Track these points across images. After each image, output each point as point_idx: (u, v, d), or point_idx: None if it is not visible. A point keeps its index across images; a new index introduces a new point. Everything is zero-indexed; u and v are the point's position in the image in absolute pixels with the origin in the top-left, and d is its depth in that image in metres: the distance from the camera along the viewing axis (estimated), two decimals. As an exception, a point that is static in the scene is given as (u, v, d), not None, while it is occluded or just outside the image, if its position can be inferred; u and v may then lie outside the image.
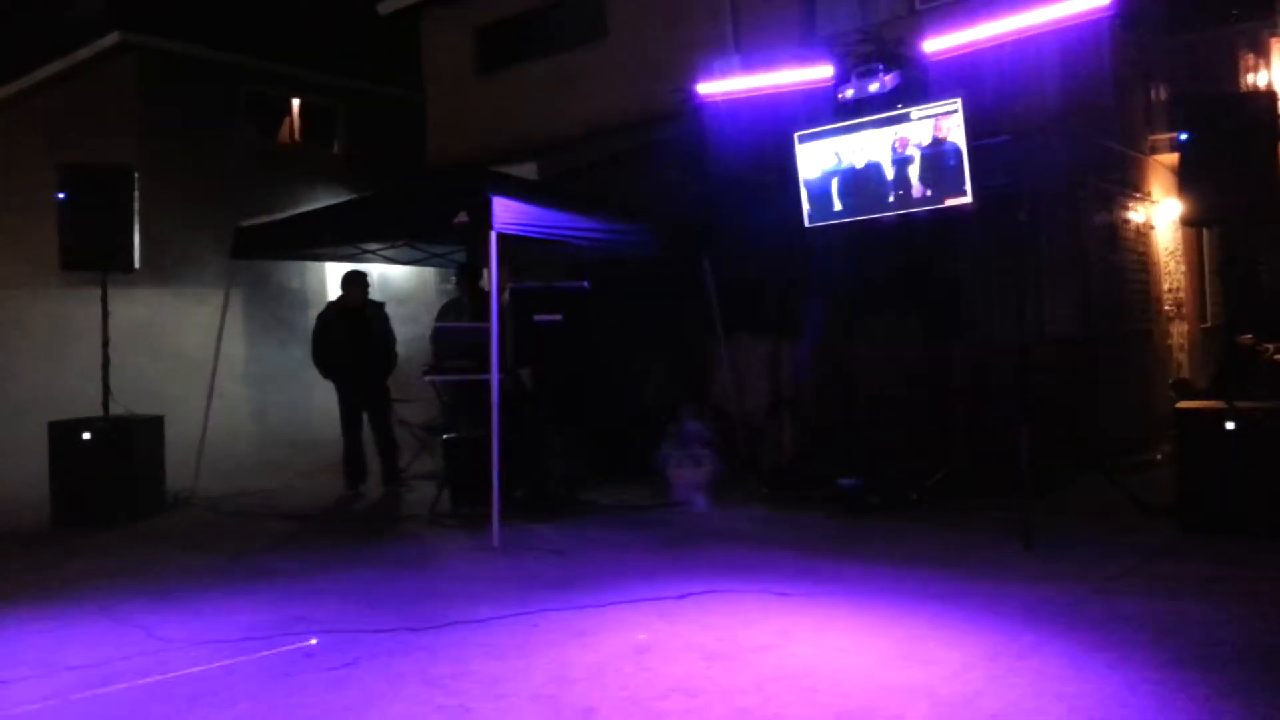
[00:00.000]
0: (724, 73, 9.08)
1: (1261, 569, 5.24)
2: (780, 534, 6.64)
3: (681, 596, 5.07)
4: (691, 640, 4.40)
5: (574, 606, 4.95)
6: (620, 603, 5.01)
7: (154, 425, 8.15)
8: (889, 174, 7.31)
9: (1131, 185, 9.58)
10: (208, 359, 8.77)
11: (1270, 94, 9.23)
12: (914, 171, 7.15)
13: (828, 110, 7.75)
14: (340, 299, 8.88)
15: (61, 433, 7.75)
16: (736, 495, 7.75)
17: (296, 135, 15.51)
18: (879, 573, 5.50)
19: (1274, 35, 11.30)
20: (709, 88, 8.45)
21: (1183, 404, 6.52)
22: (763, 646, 4.29)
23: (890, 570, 5.54)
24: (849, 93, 7.61)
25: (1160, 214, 10.10)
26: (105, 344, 7.98)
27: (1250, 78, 11.49)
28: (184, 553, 6.63)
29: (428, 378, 8.29)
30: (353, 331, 8.66)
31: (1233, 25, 11.25)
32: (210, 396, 8.58)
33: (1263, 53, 11.61)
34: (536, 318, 8.03)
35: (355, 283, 8.87)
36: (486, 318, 7.01)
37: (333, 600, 5.26)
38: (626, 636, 4.48)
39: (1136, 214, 9.59)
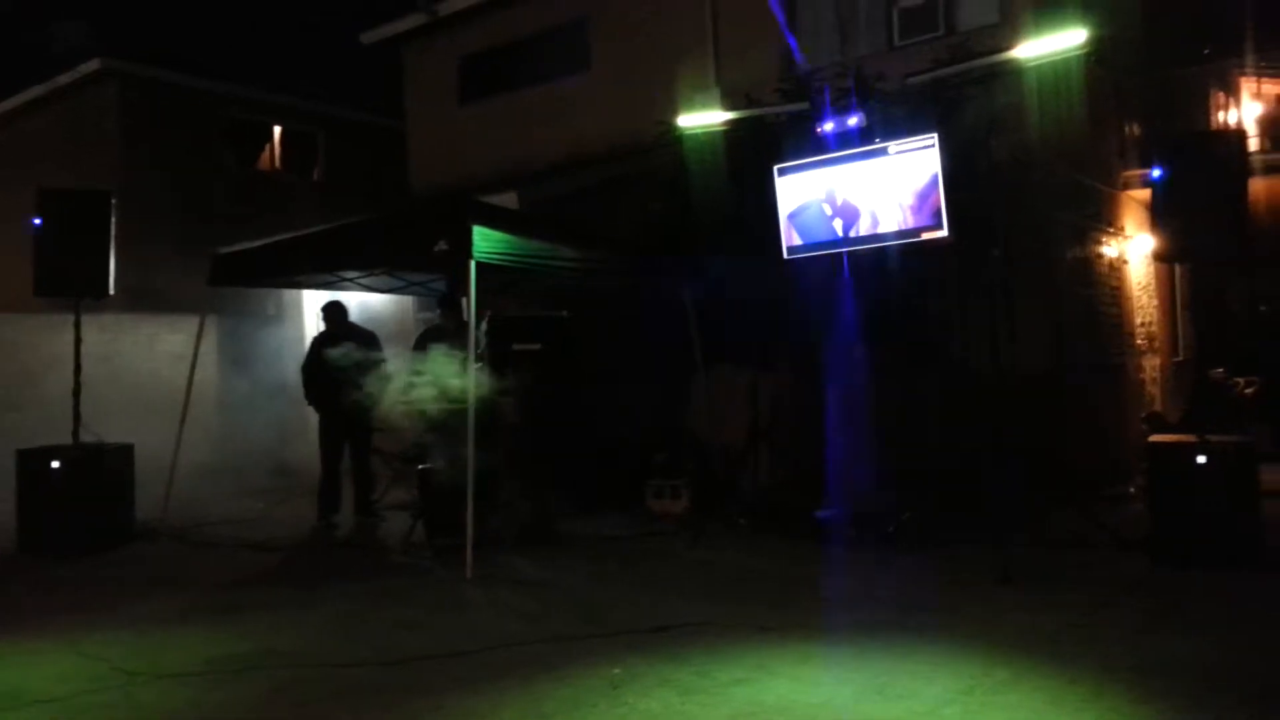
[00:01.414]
0: (705, 105, 9.17)
1: (1233, 602, 5.26)
2: (757, 566, 6.61)
3: (658, 630, 5.02)
4: (667, 675, 4.36)
5: (548, 640, 4.90)
6: (596, 636, 4.96)
7: (124, 453, 8.04)
8: (866, 207, 7.37)
9: (1105, 220, 9.70)
10: (181, 386, 8.68)
11: (1240, 132, 9.41)
12: (891, 205, 7.21)
13: (807, 144, 7.83)
14: (326, 329, 8.87)
15: (30, 461, 7.64)
16: (715, 526, 7.71)
17: (276, 162, 15.51)
18: (855, 605, 5.48)
19: (1243, 74, 11.55)
20: (690, 119, 8.52)
21: (1155, 437, 6.57)
22: (738, 680, 4.25)
23: (866, 603, 5.52)
24: (828, 127, 7.69)
25: (1133, 249, 10.24)
26: (77, 370, 7.89)
27: (1221, 116, 11.72)
28: (151, 584, 6.52)
29: (404, 406, 8.22)
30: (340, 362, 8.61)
31: (1204, 65, 11.49)
32: (182, 424, 8.48)
33: (1233, 91, 11.86)
34: (515, 346, 8.02)
35: (332, 312, 8.87)
36: (464, 346, 6.99)
37: (301, 634, 5.18)
38: (602, 671, 4.43)
39: (1110, 249, 9.71)
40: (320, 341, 8.81)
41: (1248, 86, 11.73)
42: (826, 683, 4.22)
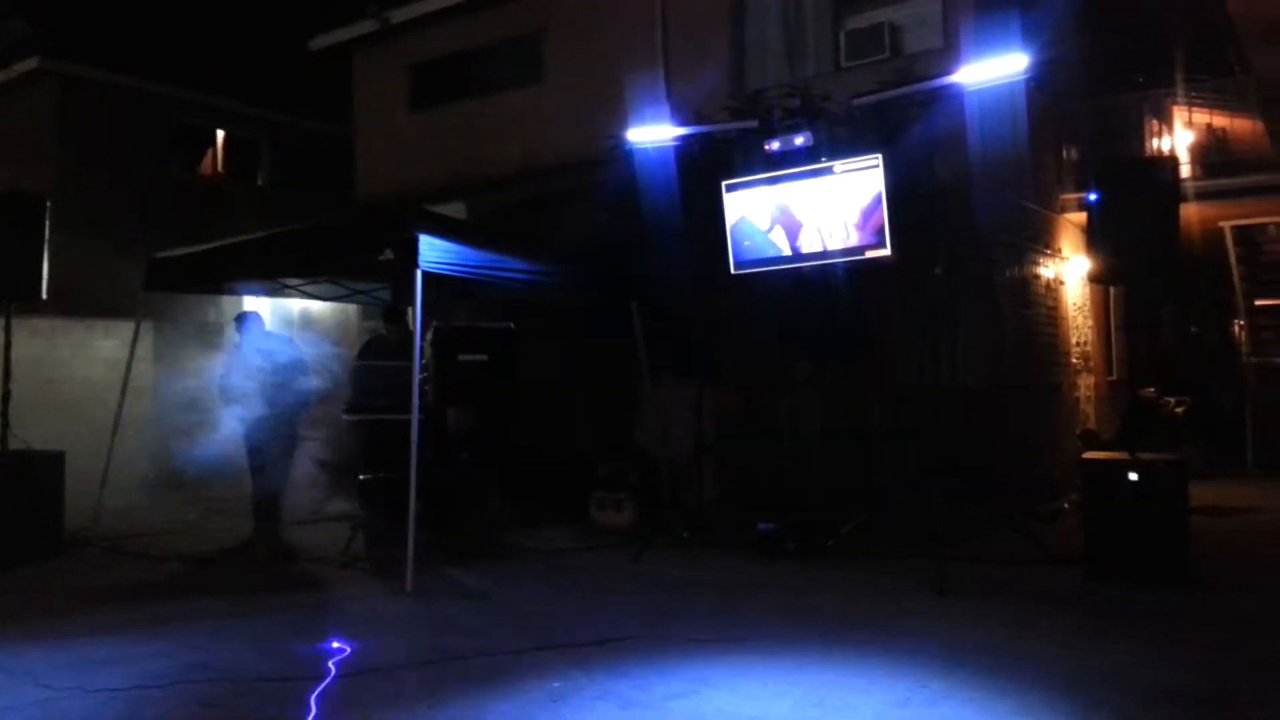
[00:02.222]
0: (656, 120, 9.22)
1: (1162, 617, 5.39)
2: (699, 579, 6.63)
3: (599, 643, 5.01)
4: (608, 688, 4.35)
5: (489, 654, 4.86)
6: (537, 649, 4.93)
7: (54, 461, 7.81)
8: (812, 225, 7.46)
9: (1043, 242, 9.93)
10: (114, 393, 8.48)
11: (1173, 158, 9.72)
12: (836, 223, 7.31)
13: (755, 161, 7.92)
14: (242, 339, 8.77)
15: (-46, 468, 7.40)
16: (659, 539, 7.72)
17: (219, 167, 15.24)
18: (795, 618, 5.52)
19: (1176, 103, 11.91)
20: (641, 134, 8.56)
21: (1089, 455, 6.72)
22: (678, 694, 4.26)
23: (806, 616, 5.56)
24: (775, 145, 7.79)
25: (1070, 270, 10.49)
26: (6, 376, 7.66)
27: (1155, 142, 12.07)
28: (80, 596, 6.33)
29: (346, 417, 8.13)
30: (260, 370, 8.52)
31: (1139, 92, 11.83)
32: (115, 432, 8.27)
33: (1166, 118, 12.22)
34: (461, 357, 7.96)
35: (246, 323, 8.80)
36: (409, 356, 6.93)
37: (234, 647, 5.07)
38: (541, 685, 4.41)
39: (1047, 270, 9.94)
40: (236, 352, 8.74)
41: (1180, 114, 12.09)
42: (765, 696, 4.24)
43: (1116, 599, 5.76)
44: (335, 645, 5.02)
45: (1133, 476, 6.10)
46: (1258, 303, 11.99)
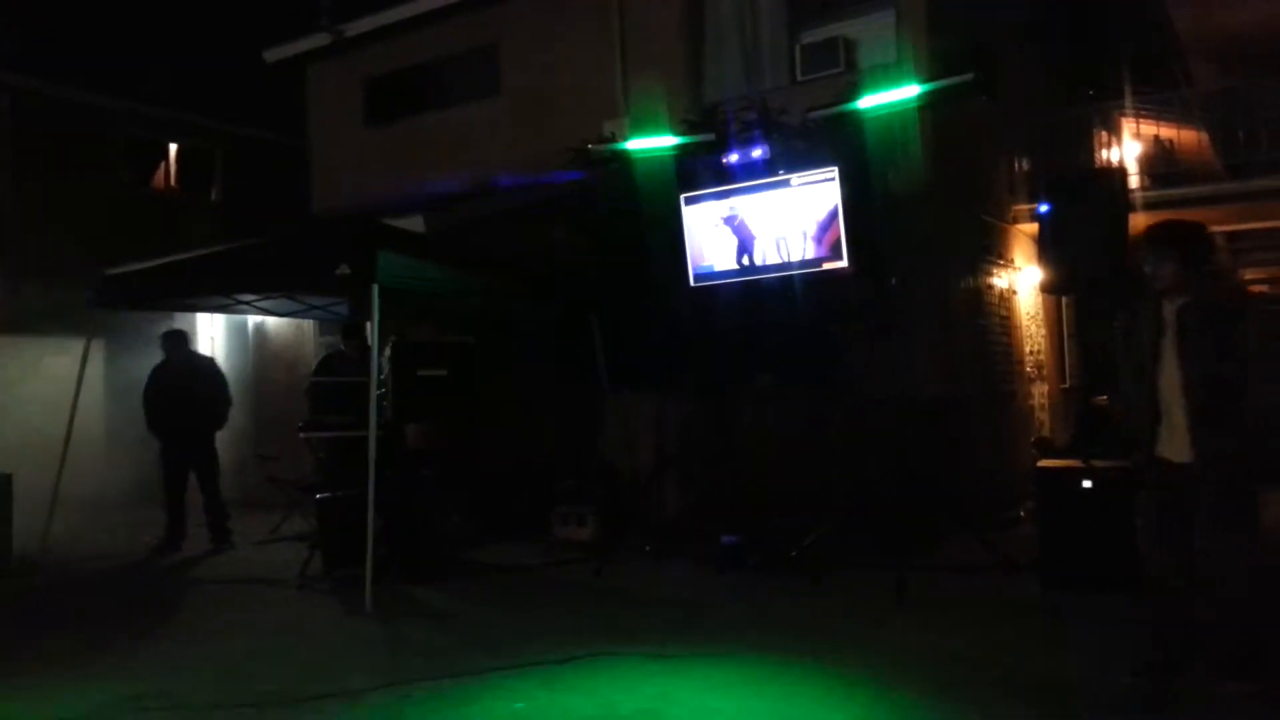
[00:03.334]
0: (614, 134, 9.23)
1: (1115, 623, 5.46)
2: (662, 593, 6.63)
3: (563, 662, 4.98)
4: (571, 707, 4.33)
5: (450, 675, 4.81)
6: (500, 669, 4.89)
7: (1, 483, 7.64)
8: (770, 237, 7.51)
9: (996, 252, 10.07)
10: (65, 412, 8.30)
11: (1122, 170, 9.89)
12: (794, 235, 7.36)
13: (713, 173, 7.95)
14: (165, 359, 8.90)
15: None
16: (621, 553, 7.70)
17: (172, 180, 15.00)
18: (758, 631, 5.53)
19: (1124, 115, 12.16)
20: (599, 148, 8.56)
21: (1043, 463, 6.80)
22: (642, 710, 4.25)
23: (768, 629, 5.57)
24: (733, 158, 7.83)
25: (1022, 280, 10.64)
26: (-49, 397, 7.48)
27: (1104, 153, 12.31)
28: (30, 621, 6.19)
29: (303, 434, 8.03)
30: (181, 390, 8.54)
31: (1090, 104, 12.07)
32: (64, 453, 8.10)
33: (1115, 130, 12.47)
34: (420, 373, 7.90)
35: (173, 341, 8.85)
36: (367, 372, 6.86)
37: (191, 673, 4.98)
38: (505, 705, 4.38)
39: (1000, 280, 10.08)
40: (160, 371, 8.79)
41: (1128, 126, 12.34)
42: (729, 711, 4.24)
43: (1070, 606, 5.83)
44: (297, 668, 4.95)
45: (1086, 484, 6.19)
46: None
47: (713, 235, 7.83)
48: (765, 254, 7.56)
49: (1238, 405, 4.09)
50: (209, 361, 9.43)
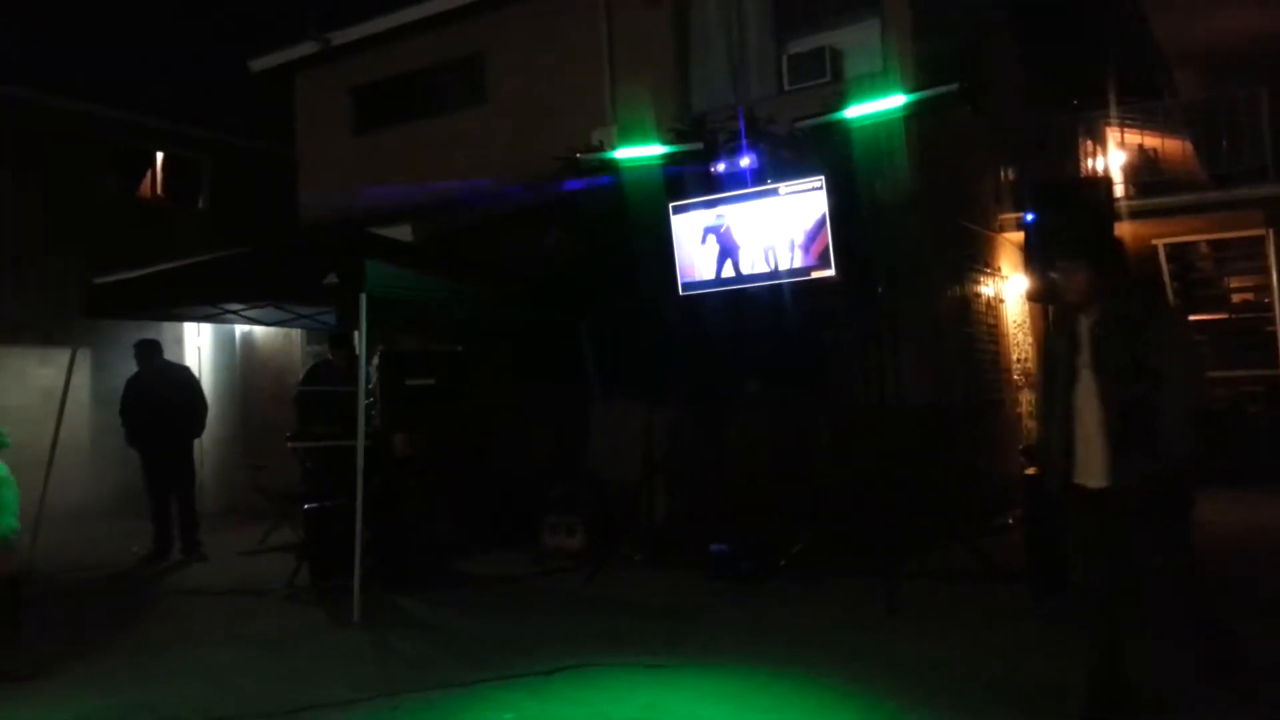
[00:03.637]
0: (602, 142, 9.25)
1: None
2: (652, 602, 6.62)
3: (551, 673, 4.97)
4: (561, 717, 4.33)
5: (439, 685, 4.80)
6: (488, 680, 4.87)
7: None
8: (758, 245, 7.53)
9: (983, 261, 10.12)
10: (51, 422, 8.25)
11: (1107, 179, 9.96)
12: (781, 244, 7.39)
13: (701, 182, 7.98)
14: (141, 368, 8.90)
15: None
16: (611, 563, 7.69)
17: (159, 189, 14.95)
18: (748, 640, 5.53)
19: (1109, 124, 12.25)
20: (587, 156, 8.58)
21: (1031, 470, 6.82)
22: (631, 722, 4.24)
23: (759, 638, 5.57)
24: (721, 167, 7.87)
25: (1009, 289, 10.70)
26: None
27: (1090, 162, 12.40)
28: (16, 634, 6.13)
29: (291, 444, 8.00)
30: (155, 400, 8.54)
31: (1074, 113, 12.16)
32: (50, 463, 8.04)
33: (1100, 139, 12.56)
34: (408, 382, 7.88)
35: (145, 351, 8.86)
36: (355, 381, 6.84)
37: (178, 685, 4.95)
38: (494, 715, 4.36)
39: (987, 288, 10.13)
40: (135, 382, 8.78)
41: (1113, 135, 12.44)
42: (719, 721, 4.24)
43: (1059, 613, 5.85)
44: (284, 680, 4.92)
45: (1074, 491, 6.19)
46: (1190, 318, 12.33)
47: (701, 244, 7.84)
48: (753, 263, 7.58)
49: (1153, 425, 3.79)
50: (184, 370, 9.38)
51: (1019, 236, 9.63)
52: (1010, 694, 4.42)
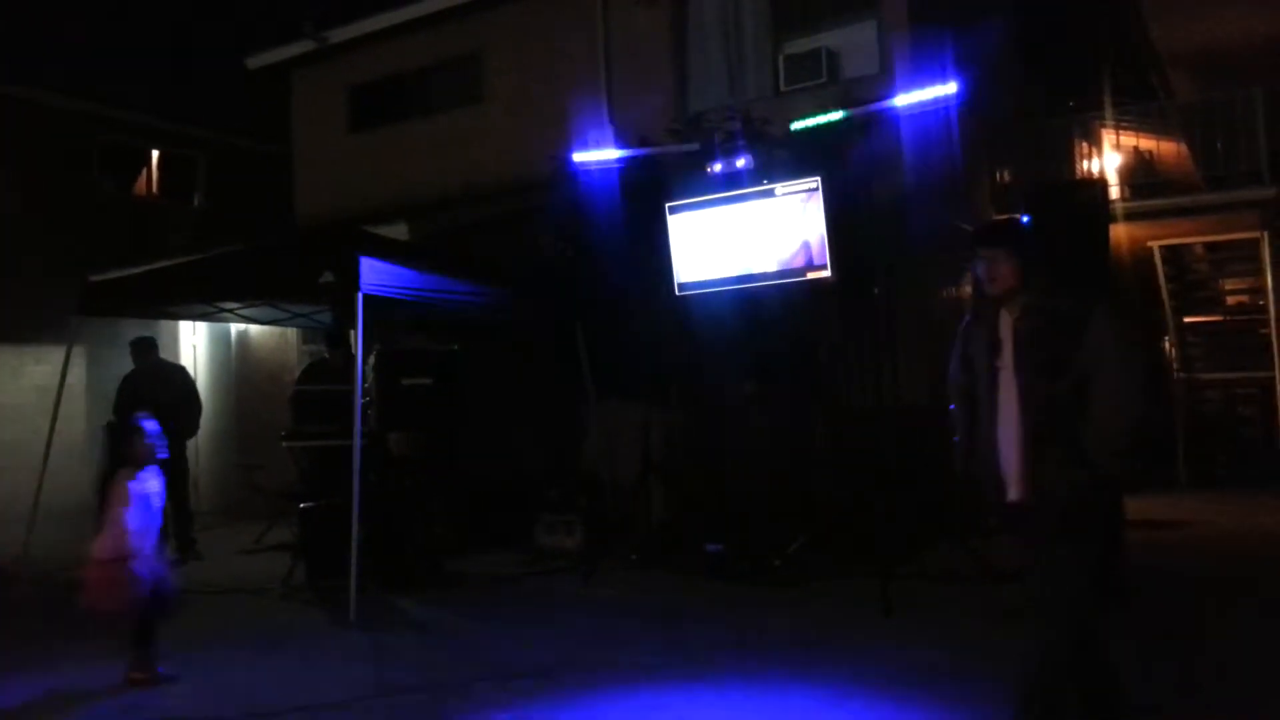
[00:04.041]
0: (599, 143, 9.26)
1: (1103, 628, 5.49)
2: (647, 603, 6.62)
3: (546, 673, 4.97)
4: (557, 718, 4.31)
5: (434, 687, 4.79)
6: (483, 681, 4.87)
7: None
8: (753, 246, 7.54)
9: (979, 262, 10.11)
10: (45, 420, 8.23)
11: (1102, 180, 9.99)
12: (777, 244, 7.40)
13: (697, 183, 7.99)
14: (136, 366, 8.87)
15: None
16: (606, 562, 7.69)
17: (154, 187, 14.90)
18: (743, 641, 5.53)
19: (1104, 126, 12.28)
20: (584, 156, 8.59)
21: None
22: (627, 722, 4.25)
23: (754, 639, 5.58)
24: (717, 167, 7.88)
25: (1006, 289, 10.69)
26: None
27: (1085, 164, 12.42)
28: (7, 632, 6.13)
29: (286, 443, 7.99)
30: (150, 398, 8.53)
31: (1070, 116, 12.18)
32: (45, 461, 8.02)
33: (1095, 141, 12.59)
34: (404, 381, 7.88)
35: (141, 348, 8.85)
36: (351, 380, 6.84)
37: (173, 684, 4.94)
38: (490, 716, 4.36)
39: (984, 289, 10.12)
40: (130, 380, 8.74)
41: (1108, 138, 12.46)
42: (714, 722, 4.24)
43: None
44: (278, 681, 4.92)
45: (1069, 492, 6.19)
46: (1186, 320, 12.36)
47: (697, 244, 7.85)
48: (749, 263, 7.59)
49: (1077, 431, 3.37)
50: (179, 369, 9.35)
51: (1015, 238, 9.63)
52: (1006, 695, 4.42)
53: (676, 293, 8.04)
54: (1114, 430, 3.34)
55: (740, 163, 7.70)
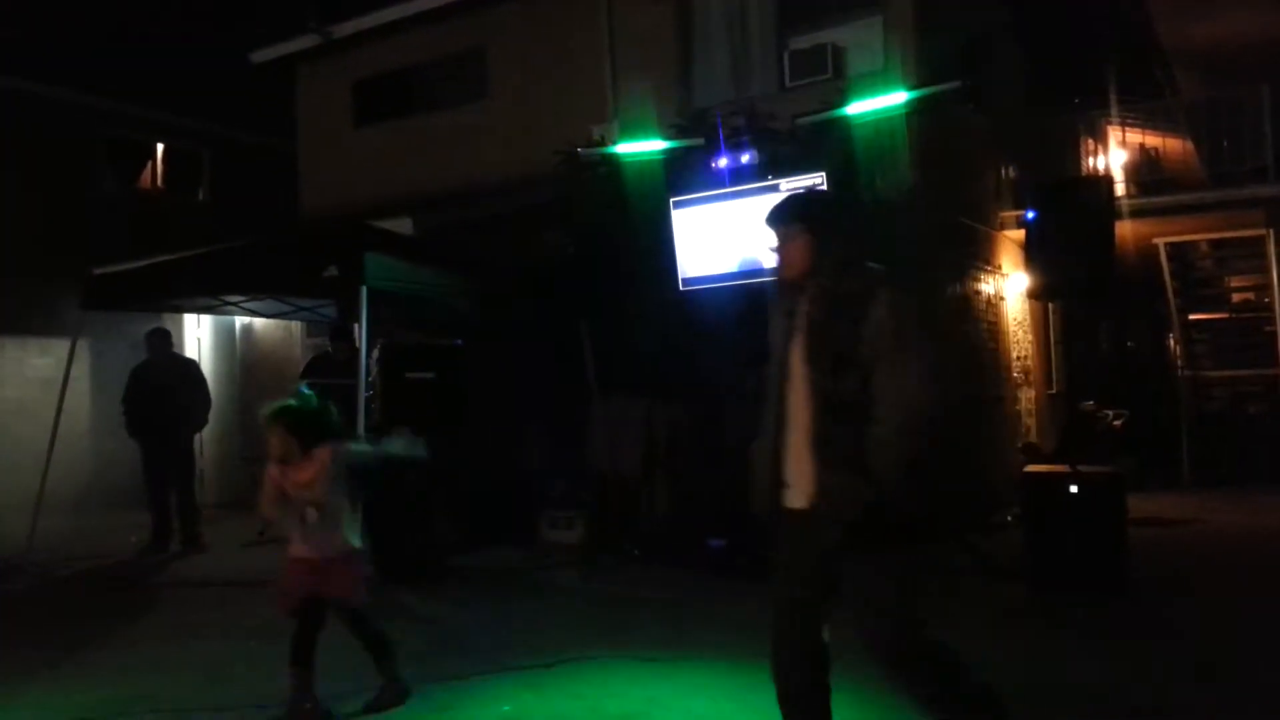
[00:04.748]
0: (603, 138, 9.26)
1: (1102, 628, 5.50)
2: (650, 596, 6.63)
3: (549, 665, 4.98)
4: (559, 710, 4.33)
5: (436, 678, 4.80)
6: (486, 673, 4.88)
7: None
8: (758, 241, 7.52)
9: (983, 259, 10.12)
10: (50, 413, 8.25)
11: (1108, 178, 9.97)
12: (782, 240, 7.38)
13: (702, 178, 7.98)
14: (147, 358, 8.88)
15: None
16: (610, 557, 7.70)
17: (159, 181, 14.93)
18: (745, 635, 5.51)
19: (1110, 123, 12.26)
20: (588, 152, 8.58)
21: (1030, 468, 6.83)
22: (629, 714, 4.26)
23: (756, 632, 5.53)
24: (722, 162, 7.87)
25: (1010, 286, 10.70)
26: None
27: (1091, 161, 12.40)
28: (13, 625, 6.15)
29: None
30: (163, 390, 8.55)
31: (1076, 112, 12.15)
32: (50, 454, 8.05)
33: (1101, 138, 12.56)
34: (408, 376, 7.88)
35: (157, 340, 8.88)
36: (355, 374, 6.84)
37: (175, 677, 4.97)
38: (492, 709, 4.37)
39: (987, 286, 10.13)
40: (141, 371, 8.76)
41: (1114, 134, 12.45)
42: (716, 715, 4.25)
43: (1058, 611, 5.86)
44: (280, 673, 4.92)
45: (1073, 489, 6.21)
46: (1191, 317, 12.34)
47: (701, 239, 7.85)
48: (753, 259, 7.58)
49: (860, 434, 2.96)
50: (190, 363, 9.40)
51: (1020, 234, 9.64)
52: (1008, 691, 4.42)
53: (680, 287, 8.03)
54: (880, 442, 2.94)
55: (745, 158, 7.70)
